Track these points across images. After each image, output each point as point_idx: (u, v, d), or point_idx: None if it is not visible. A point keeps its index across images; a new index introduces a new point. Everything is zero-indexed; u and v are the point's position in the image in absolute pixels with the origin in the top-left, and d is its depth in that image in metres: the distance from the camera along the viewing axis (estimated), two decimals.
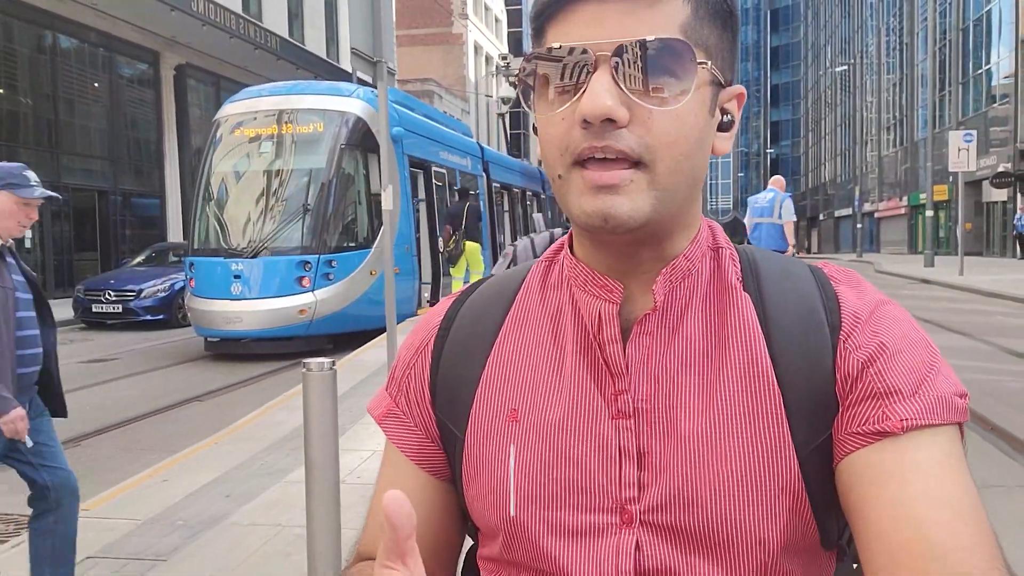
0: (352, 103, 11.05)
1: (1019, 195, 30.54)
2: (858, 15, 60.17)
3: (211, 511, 4.37)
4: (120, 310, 13.81)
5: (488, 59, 51.08)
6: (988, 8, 33.95)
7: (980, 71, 35.20)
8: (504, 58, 35.03)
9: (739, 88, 0.78)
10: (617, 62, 0.68)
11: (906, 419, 0.69)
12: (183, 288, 14.06)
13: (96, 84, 20.63)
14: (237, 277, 10.14)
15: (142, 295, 13.88)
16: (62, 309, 15.57)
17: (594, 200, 0.70)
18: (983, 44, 34.86)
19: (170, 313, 14.04)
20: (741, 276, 0.80)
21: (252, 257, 10.33)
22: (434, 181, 13.85)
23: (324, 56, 29.85)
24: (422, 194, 13.42)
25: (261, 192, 10.83)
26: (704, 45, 0.72)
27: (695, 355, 0.77)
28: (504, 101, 28.70)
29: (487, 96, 48.37)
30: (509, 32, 60.29)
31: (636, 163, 0.69)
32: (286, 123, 10.80)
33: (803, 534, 0.74)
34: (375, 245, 10.99)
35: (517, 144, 45.54)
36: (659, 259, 0.77)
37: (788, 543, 0.74)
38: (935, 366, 0.73)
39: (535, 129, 0.78)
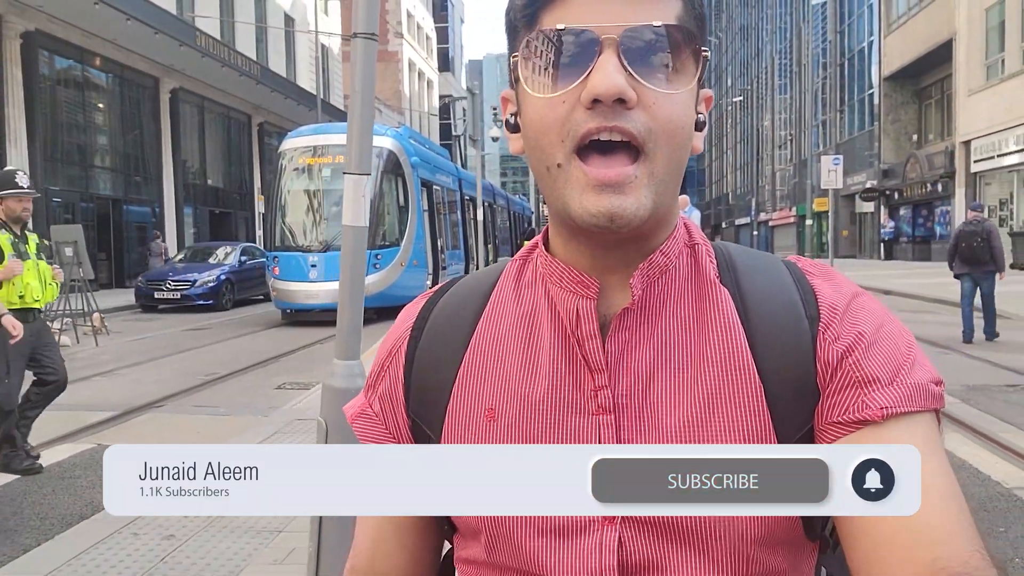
0: (385, 140, 15.02)
1: (883, 207, 36.50)
2: (755, 42, 66.52)
3: None
4: (178, 296, 17.29)
5: (420, 75, 54.81)
6: (861, 47, 39.83)
7: (854, 100, 41.07)
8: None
9: (710, 91, 0.78)
10: (624, 45, 0.68)
11: (885, 407, 0.70)
12: (227, 279, 17.78)
13: (107, 105, 23.82)
14: (313, 266, 14.05)
15: (196, 284, 17.41)
16: (105, 298, 18.86)
17: (598, 199, 0.69)
18: (857, 76, 40.71)
19: (217, 299, 17.57)
20: (718, 271, 0.80)
21: (323, 252, 14.24)
22: (433, 197, 17.88)
23: (284, 75, 33.41)
24: (426, 205, 17.40)
25: (324, 205, 14.73)
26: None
27: (674, 349, 0.76)
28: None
29: (432, 115, 52.37)
30: (439, 48, 64.35)
31: (637, 154, 0.69)
32: (338, 154, 14.65)
33: (786, 526, 0.74)
34: (402, 244, 14.98)
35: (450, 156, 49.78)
36: (640, 255, 0.77)
37: (770, 534, 0.73)
38: (911, 355, 0.73)
39: (511, 126, 0.78)
